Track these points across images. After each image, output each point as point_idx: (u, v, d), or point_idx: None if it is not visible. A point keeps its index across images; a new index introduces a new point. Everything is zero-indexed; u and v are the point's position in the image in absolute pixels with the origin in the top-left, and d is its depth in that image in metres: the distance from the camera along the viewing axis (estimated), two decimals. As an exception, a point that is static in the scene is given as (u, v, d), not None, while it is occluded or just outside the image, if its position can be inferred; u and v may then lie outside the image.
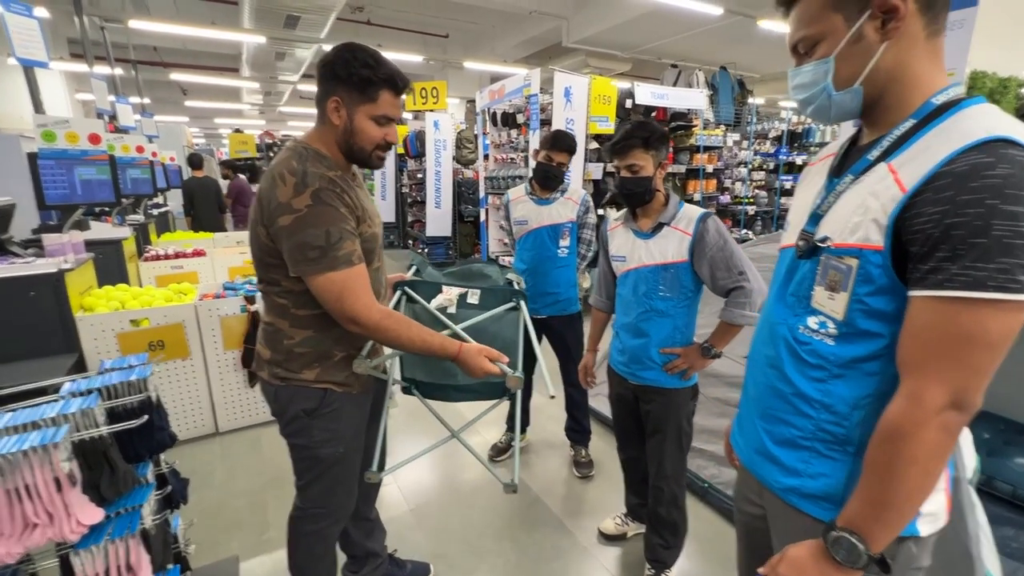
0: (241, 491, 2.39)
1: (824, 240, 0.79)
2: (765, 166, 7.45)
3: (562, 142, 2.25)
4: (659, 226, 1.62)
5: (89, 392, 1.27)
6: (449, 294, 1.53)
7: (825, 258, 0.79)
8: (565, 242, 2.33)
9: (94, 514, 1.13)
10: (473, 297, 1.54)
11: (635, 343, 1.68)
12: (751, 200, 7.07)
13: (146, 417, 1.24)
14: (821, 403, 0.82)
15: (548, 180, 2.31)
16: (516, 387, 1.26)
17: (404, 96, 1.27)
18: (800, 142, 7.58)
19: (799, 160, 7.64)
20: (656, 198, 1.64)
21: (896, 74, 0.73)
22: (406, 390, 1.51)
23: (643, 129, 1.59)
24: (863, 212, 0.74)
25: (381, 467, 1.48)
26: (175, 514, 1.64)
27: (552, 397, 1.81)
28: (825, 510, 0.82)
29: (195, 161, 6.52)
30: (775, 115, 7.65)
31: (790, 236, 0.91)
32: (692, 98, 5.62)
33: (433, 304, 1.51)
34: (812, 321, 0.82)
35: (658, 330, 1.65)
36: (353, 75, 1.14)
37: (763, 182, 7.37)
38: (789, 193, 7.76)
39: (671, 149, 1.76)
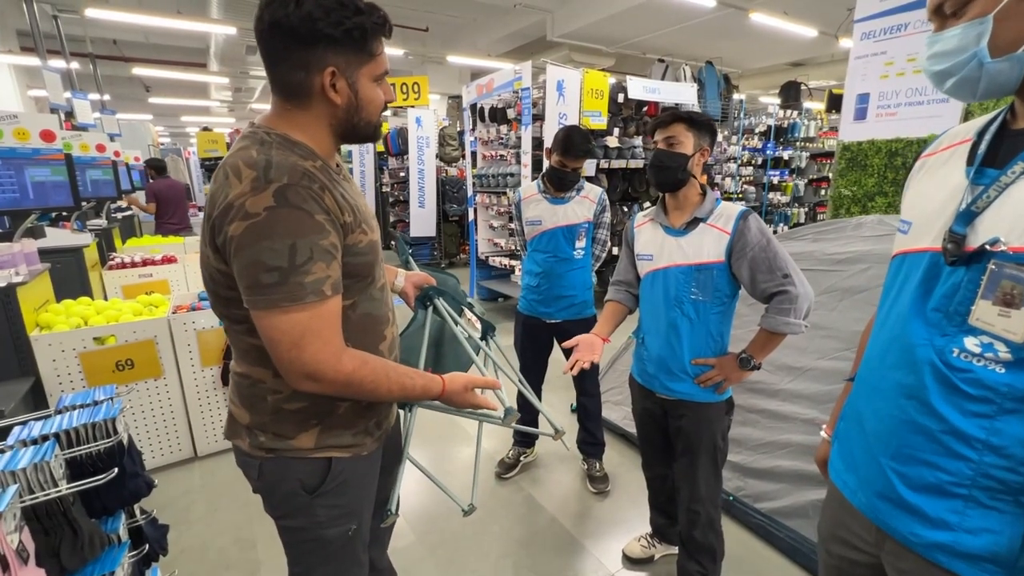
0: (226, 526, 2.15)
1: (994, 243, 0.65)
2: (753, 161, 7.44)
3: (577, 148, 2.04)
4: (693, 222, 1.48)
5: (44, 439, 1.05)
6: (473, 320, 1.39)
7: (995, 265, 0.65)
8: (581, 243, 2.17)
9: (53, 595, 0.91)
10: (471, 327, 1.41)
11: (664, 352, 1.55)
12: (740, 196, 7.05)
13: (115, 471, 1.02)
14: (986, 444, 0.68)
15: (563, 184, 2.16)
16: (509, 424, 1.09)
17: None
18: (785, 137, 7.59)
19: (785, 155, 7.66)
20: (691, 187, 1.51)
21: None
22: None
23: (691, 112, 1.51)
24: None
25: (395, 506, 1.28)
26: (153, 567, 1.42)
27: (559, 434, 1.61)
28: (990, 574, 0.68)
29: None
30: (762, 110, 7.61)
31: (918, 238, 0.77)
32: (682, 92, 5.53)
33: (459, 330, 1.31)
34: (971, 343, 0.68)
35: (691, 338, 1.51)
36: (350, 29, 0.82)
37: (751, 177, 7.35)
38: (777, 188, 7.77)
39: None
